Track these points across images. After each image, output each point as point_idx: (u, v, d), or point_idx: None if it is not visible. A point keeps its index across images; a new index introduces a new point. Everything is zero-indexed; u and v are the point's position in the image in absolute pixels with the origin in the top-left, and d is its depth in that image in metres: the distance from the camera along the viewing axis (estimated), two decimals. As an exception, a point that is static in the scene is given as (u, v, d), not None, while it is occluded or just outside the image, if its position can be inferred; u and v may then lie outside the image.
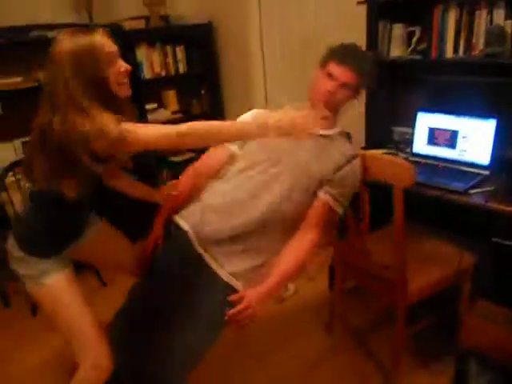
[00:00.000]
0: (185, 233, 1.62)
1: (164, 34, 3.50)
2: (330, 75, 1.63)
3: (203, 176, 1.77)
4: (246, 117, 1.83)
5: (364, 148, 2.50)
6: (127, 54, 3.05)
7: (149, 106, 3.46)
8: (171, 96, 3.62)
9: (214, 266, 1.56)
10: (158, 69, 3.45)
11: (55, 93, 1.29)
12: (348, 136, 1.79)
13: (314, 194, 1.63)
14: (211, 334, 1.54)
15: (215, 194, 1.68)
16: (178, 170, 2.79)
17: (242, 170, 1.69)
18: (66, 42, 1.29)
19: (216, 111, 3.79)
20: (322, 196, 1.63)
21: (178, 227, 1.66)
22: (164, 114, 3.55)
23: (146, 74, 3.37)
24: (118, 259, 1.81)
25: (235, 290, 1.54)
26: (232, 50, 3.65)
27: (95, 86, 1.30)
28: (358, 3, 2.36)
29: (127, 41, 3.15)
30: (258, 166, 1.66)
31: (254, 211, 1.58)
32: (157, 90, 3.59)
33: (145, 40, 3.36)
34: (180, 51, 3.55)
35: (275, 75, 3.52)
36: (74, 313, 1.49)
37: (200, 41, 3.60)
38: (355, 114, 2.94)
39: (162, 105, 3.61)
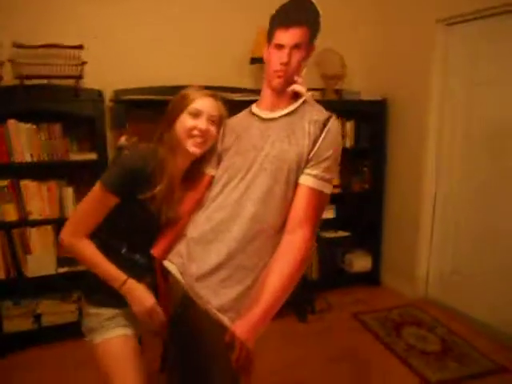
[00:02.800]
0: (174, 276, 1.48)
1: (337, 107, 3.41)
2: (279, 46, 1.42)
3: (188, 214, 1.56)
4: None
5: None
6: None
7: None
8: (334, 169, 3.49)
9: (200, 303, 1.40)
10: (325, 141, 3.37)
11: None
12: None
13: (295, 184, 1.41)
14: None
15: (197, 224, 1.49)
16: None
17: (220, 190, 1.48)
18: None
19: (376, 189, 3.57)
20: (304, 181, 1.40)
21: (169, 273, 1.51)
22: (323, 186, 3.41)
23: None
24: None
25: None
26: (402, 128, 3.45)
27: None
28: None
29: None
30: (234, 178, 1.46)
31: (235, 229, 1.40)
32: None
33: (318, 111, 3.32)
34: (350, 126, 3.46)
35: (451, 161, 3.19)
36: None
37: (371, 117, 3.48)
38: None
39: (323, 177, 3.48)
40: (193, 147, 1.48)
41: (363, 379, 2.48)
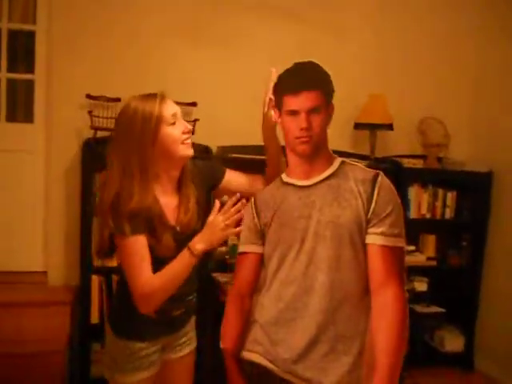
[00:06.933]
0: (261, 367, 1.38)
1: (438, 176, 3.34)
2: (293, 112, 1.36)
3: (246, 297, 1.51)
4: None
5: None
6: (400, 189, 2.95)
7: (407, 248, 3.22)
8: (430, 241, 3.35)
9: None
10: (424, 210, 3.28)
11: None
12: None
13: (363, 245, 1.34)
14: None
15: (266, 306, 1.43)
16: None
17: (277, 266, 1.41)
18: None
19: (475, 265, 3.34)
20: (372, 241, 1.32)
21: (251, 364, 1.41)
22: (419, 258, 3.27)
23: (412, 213, 3.23)
24: None
25: None
26: (510, 205, 3.23)
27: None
28: None
29: (403, 177, 3.08)
30: (290, 251, 1.38)
31: (315, 301, 1.33)
32: (418, 231, 3.37)
33: (419, 179, 3.27)
34: (451, 196, 3.33)
35: None
36: None
37: (475, 189, 3.32)
38: None
39: (418, 248, 3.34)
40: (188, 150, 1.48)
41: None
